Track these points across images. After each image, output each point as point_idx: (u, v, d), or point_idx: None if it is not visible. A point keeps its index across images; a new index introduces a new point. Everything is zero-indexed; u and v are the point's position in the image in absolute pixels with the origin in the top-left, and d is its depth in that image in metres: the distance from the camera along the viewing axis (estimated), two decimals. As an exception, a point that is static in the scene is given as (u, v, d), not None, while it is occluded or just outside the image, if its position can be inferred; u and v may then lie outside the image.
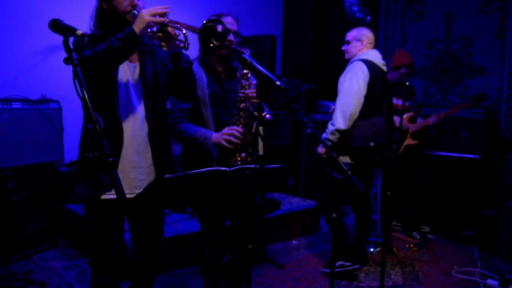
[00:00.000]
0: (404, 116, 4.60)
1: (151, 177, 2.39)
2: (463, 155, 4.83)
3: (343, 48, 3.86)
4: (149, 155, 2.36)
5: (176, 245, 3.69)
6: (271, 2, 6.78)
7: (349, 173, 1.88)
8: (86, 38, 1.52)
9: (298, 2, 6.78)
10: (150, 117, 2.34)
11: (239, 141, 2.57)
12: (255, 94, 2.61)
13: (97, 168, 1.35)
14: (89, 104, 1.43)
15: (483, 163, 4.78)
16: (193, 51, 2.45)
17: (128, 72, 2.31)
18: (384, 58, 3.81)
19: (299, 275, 3.75)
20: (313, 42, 6.71)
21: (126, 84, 2.30)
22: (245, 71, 2.65)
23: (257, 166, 1.76)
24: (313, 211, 4.89)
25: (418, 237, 4.68)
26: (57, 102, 4.11)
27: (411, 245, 4.45)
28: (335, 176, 1.90)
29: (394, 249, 4.33)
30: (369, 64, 3.60)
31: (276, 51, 5.97)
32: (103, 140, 1.38)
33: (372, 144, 3.54)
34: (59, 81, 4.35)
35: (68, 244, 4.08)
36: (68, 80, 4.11)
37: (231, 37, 2.68)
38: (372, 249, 4.30)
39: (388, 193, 2.54)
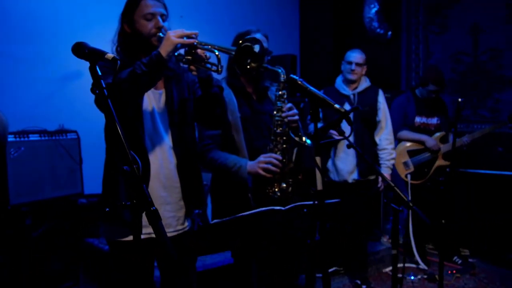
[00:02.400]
0: (436, 135, 4.37)
1: (180, 214, 2.19)
2: (501, 172, 4.57)
3: (357, 70, 3.87)
4: (178, 189, 2.16)
5: (206, 280, 3.45)
6: (288, 20, 6.61)
7: (411, 204, 1.65)
8: (119, 62, 1.33)
9: (316, 19, 6.61)
10: (178, 147, 2.15)
11: (278, 170, 2.35)
12: (295, 118, 2.40)
13: (137, 218, 1.14)
14: (123, 140, 1.22)
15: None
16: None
17: (153, 99, 2.14)
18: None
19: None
20: (331, 60, 6.52)
21: (152, 112, 2.12)
22: (280, 92, 2.44)
23: (316, 202, 1.52)
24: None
25: (460, 261, 4.39)
26: (75, 132, 3.96)
27: (454, 271, 4.16)
28: (395, 207, 1.67)
29: (436, 277, 4.03)
30: None
31: (297, 70, 5.79)
32: (143, 185, 1.17)
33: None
34: (76, 110, 4.20)
35: (90, 281, 3.87)
36: (86, 109, 3.97)
37: None
38: (412, 277, 4.03)
39: (443, 221, 2.31)
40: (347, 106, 3.71)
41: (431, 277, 4.02)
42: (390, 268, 4.22)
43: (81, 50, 1.38)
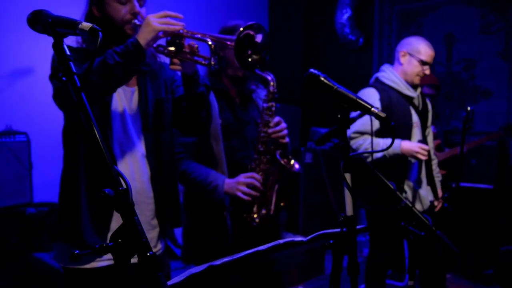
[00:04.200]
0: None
1: (152, 234, 1.84)
2: (475, 185, 4.46)
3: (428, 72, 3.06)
4: (151, 206, 1.82)
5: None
6: (256, 20, 6.36)
7: (434, 229, 1.40)
8: (101, 34, 0.97)
9: (285, 22, 6.39)
10: (152, 156, 1.81)
11: (258, 194, 2.06)
12: (282, 133, 2.11)
13: (121, 263, 0.81)
14: (105, 154, 0.87)
15: (497, 193, 4.41)
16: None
17: (124, 98, 1.79)
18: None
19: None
20: (301, 67, 6.32)
21: (122, 114, 1.77)
22: (268, 104, 2.12)
23: (344, 229, 1.21)
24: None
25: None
26: (25, 134, 3.55)
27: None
28: (415, 232, 1.41)
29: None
30: None
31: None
32: (136, 217, 0.83)
33: None
34: (27, 110, 3.77)
35: (38, 302, 3.45)
36: (37, 109, 3.54)
37: None
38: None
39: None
40: (413, 113, 3.02)
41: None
42: None
43: (41, 20, 0.99)
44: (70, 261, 1.65)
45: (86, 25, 0.97)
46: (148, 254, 0.81)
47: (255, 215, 2.13)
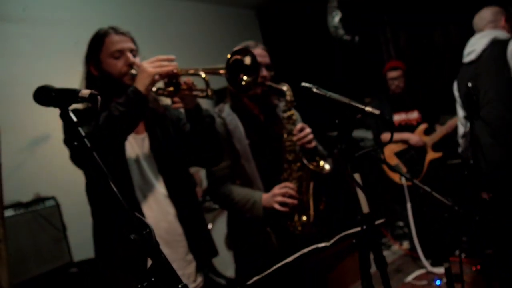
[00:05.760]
0: (418, 129, 4.21)
1: (190, 270, 1.90)
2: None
3: None
4: (183, 242, 1.87)
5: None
6: (248, 33, 6.43)
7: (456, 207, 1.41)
8: (99, 97, 1.05)
9: (277, 38, 6.46)
10: (174, 195, 1.87)
11: (295, 202, 2.07)
12: (308, 138, 2.13)
13: None
14: (122, 201, 0.93)
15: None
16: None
17: (136, 146, 1.86)
18: None
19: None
20: (299, 71, 6.32)
21: (137, 160, 1.84)
22: (288, 113, 2.17)
23: (364, 227, 1.24)
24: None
25: (464, 255, 4.17)
26: (53, 198, 3.64)
27: (478, 266, 3.91)
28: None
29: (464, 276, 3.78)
30: None
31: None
32: (162, 255, 0.89)
33: None
34: (51, 174, 3.89)
35: None
36: (60, 172, 3.65)
37: (263, 72, 2.20)
38: (439, 282, 3.77)
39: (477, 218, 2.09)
40: None
41: (457, 277, 3.76)
42: (413, 277, 3.97)
43: (46, 95, 1.06)
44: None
45: (85, 92, 1.05)
46: (180, 286, 0.86)
47: (298, 223, 2.15)
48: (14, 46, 3.97)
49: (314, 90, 1.41)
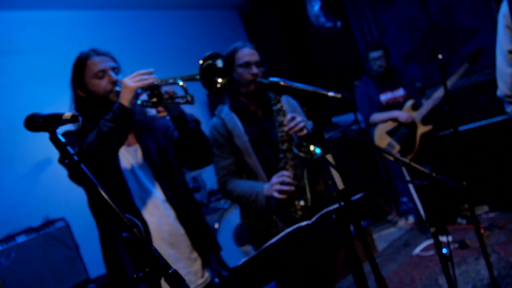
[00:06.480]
0: (406, 105, 4.30)
1: (196, 267, 2.00)
2: (491, 120, 4.49)
3: None
4: (186, 242, 1.98)
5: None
6: (234, 34, 6.52)
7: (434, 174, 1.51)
8: (80, 118, 1.17)
9: (262, 33, 6.55)
10: (172, 198, 1.98)
11: (292, 188, 2.18)
12: (299, 126, 2.22)
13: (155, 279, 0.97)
14: (113, 205, 1.05)
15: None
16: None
17: (130, 157, 1.98)
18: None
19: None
20: (286, 63, 6.44)
21: (132, 170, 1.96)
22: (278, 105, 2.29)
23: (342, 203, 1.35)
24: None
25: (465, 222, 4.27)
26: (63, 219, 3.77)
27: (482, 231, 3.99)
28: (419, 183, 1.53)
29: (467, 242, 3.88)
30: None
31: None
32: (152, 247, 1.01)
33: None
34: (57, 196, 4.00)
35: None
36: (67, 192, 3.77)
37: (254, 69, 2.32)
38: (445, 250, 3.86)
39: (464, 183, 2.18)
40: None
41: (463, 244, 3.86)
42: (420, 248, 4.06)
43: (34, 122, 1.19)
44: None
45: (67, 115, 1.19)
46: (169, 271, 0.97)
47: (298, 208, 2.26)
48: (3, 77, 4.09)
49: (281, 83, 1.52)
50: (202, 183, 4.82)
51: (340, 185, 1.32)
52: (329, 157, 1.34)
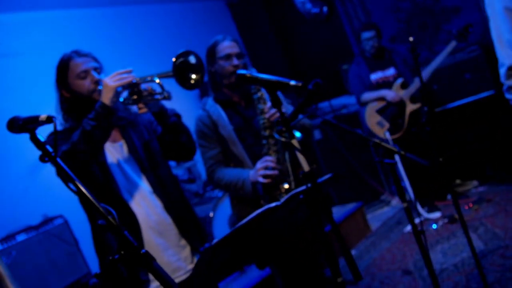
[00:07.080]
0: (396, 84, 4.38)
1: (185, 253, 2.11)
2: (477, 97, 4.57)
3: None
4: (174, 230, 2.08)
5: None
6: (222, 24, 6.56)
7: (403, 152, 1.60)
8: (54, 119, 1.27)
9: (250, 23, 6.60)
10: (158, 189, 2.08)
11: (276, 172, 2.26)
12: (278, 114, 2.32)
13: (132, 269, 1.08)
14: (89, 197, 1.15)
15: (501, 96, 4.49)
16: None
17: (115, 153, 2.07)
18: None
19: (376, 285, 3.42)
20: (275, 50, 6.49)
21: (119, 165, 2.05)
22: (259, 94, 2.36)
23: (308, 185, 1.44)
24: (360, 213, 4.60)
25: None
26: (61, 216, 3.85)
27: (470, 205, 4.11)
28: (389, 162, 1.62)
29: (456, 217, 3.98)
30: None
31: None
32: (124, 231, 1.11)
33: None
34: (55, 194, 4.08)
35: None
36: (64, 190, 3.87)
37: (234, 61, 2.39)
38: (434, 226, 3.97)
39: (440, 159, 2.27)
40: None
41: (452, 218, 3.97)
42: (411, 227, 4.16)
43: (15, 124, 1.29)
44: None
45: (43, 116, 1.29)
46: (141, 252, 1.07)
47: (283, 191, 2.33)
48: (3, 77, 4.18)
49: (248, 75, 1.61)
50: (197, 174, 4.91)
51: (305, 167, 1.41)
52: (294, 142, 1.44)
